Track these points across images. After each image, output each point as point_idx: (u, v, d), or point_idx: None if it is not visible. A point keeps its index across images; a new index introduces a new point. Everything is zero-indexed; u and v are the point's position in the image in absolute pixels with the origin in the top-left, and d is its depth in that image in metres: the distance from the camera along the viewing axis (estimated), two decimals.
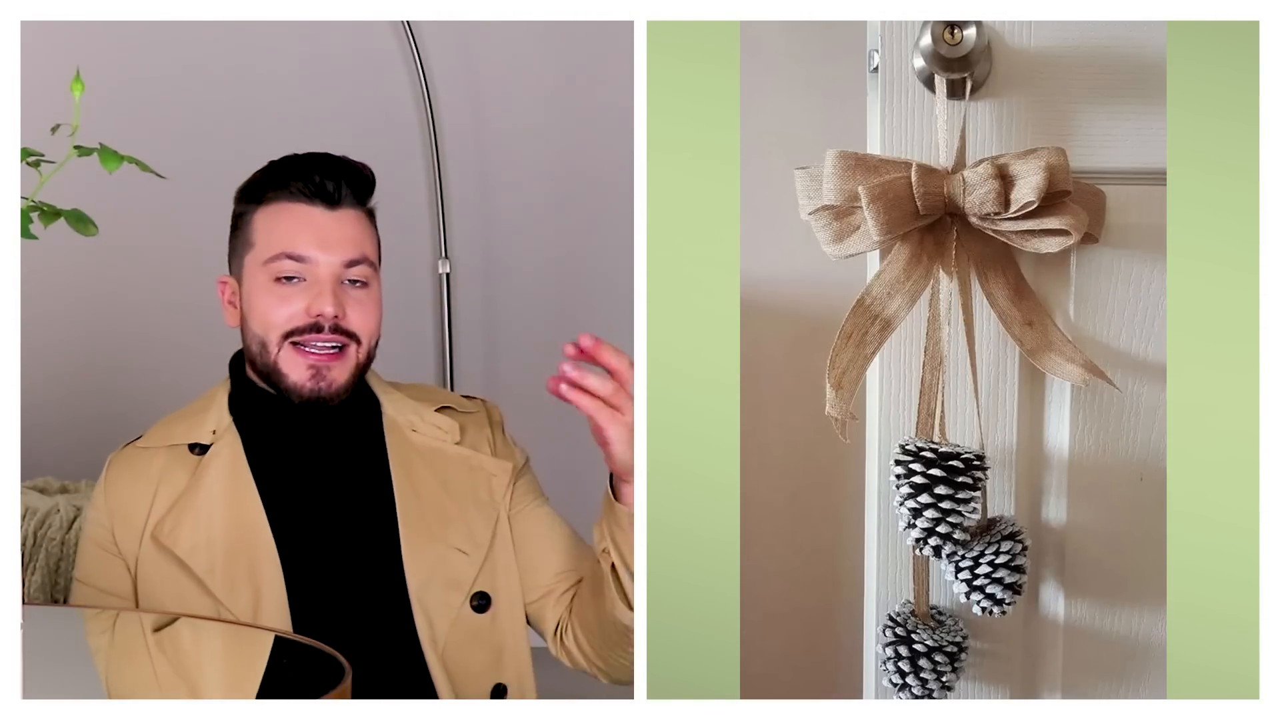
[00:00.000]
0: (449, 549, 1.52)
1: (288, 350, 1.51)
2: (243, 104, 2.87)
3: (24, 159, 1.27)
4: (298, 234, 1.51)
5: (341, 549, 1.50)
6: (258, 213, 1.54)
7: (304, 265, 1.51)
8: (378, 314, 1.56)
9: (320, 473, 1.54)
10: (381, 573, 1.50)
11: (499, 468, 1.60)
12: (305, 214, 1.52)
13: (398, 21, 2.83)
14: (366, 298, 1.54)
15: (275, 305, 1.51)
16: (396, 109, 2.90)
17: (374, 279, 1.56)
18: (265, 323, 1.52)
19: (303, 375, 1.51)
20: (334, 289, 1.51)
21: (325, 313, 1.50)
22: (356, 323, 1.52)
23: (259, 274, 1.52)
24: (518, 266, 2.98)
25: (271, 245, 1.52)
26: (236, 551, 1.49)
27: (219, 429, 1.55)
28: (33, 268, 1.84)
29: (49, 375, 2.83)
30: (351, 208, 1.55)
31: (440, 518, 1.53)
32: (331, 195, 1.53)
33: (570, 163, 2.97)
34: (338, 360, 1.52)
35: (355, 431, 1.57)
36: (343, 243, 1.52)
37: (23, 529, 1.99)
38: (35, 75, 1.92)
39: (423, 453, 1.57)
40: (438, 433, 1.59)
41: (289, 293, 1.51)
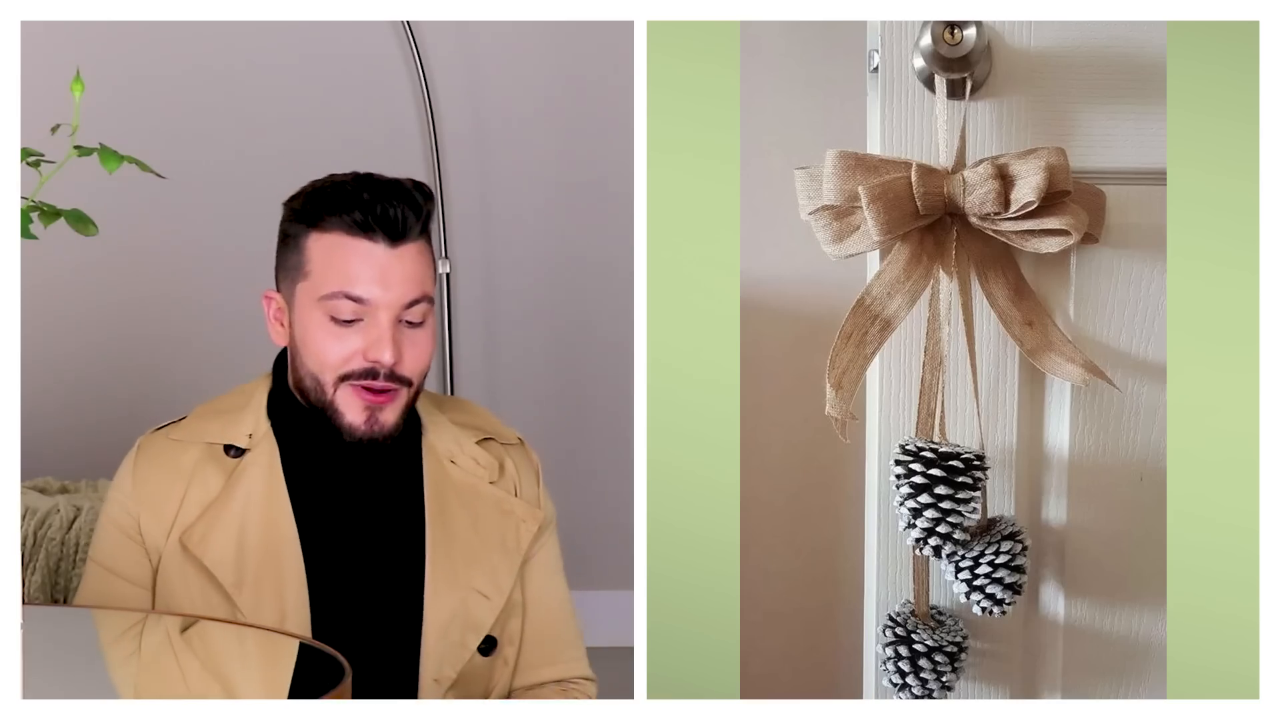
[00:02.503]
0: (471, 591, 1.49)
1: (345, 391, 1.44)
2: (243, 104, 2.87)
3: (24, 159, 1.27)
4: (359, 273, 1.43)
5: (367, 578, 1.48)
6: (312, 239, 1.45)
7: (363, 307, 1.43)
8: (431, 351, 1.48)
9: (354, 495, 1.50)
10: (401, 607, 1.48)
11: (529, 514, 1.54)
12: (366, 252, 1.43)
13: (398, 21, 2.83)
14: (422, 337, 1.46)
15: (331, 345, 1.44)
16: (396, 109, 2.90)
17: (430, 316, 1.47)
18: (320, 362, 1.45)
19: (358, 418, 1.44)
20: (393, 334, 1.43)
21: (383, 361, 1.43)
22: (411, 366, 1.45)
23: (314, 309, 1.44)
24: (518, 266, 2.98)
25: (329, 282, 1.43)
26: (265, 568, 1.46)
27: (256, 434, 1.50)
28: (33, 268, 1.84)
29: (49, 375, 2.83)
30: (414, 240, 1.45)
31: (467, 559, 1.50)
32: (395, 228, 1.43)
33: (570, 163, 2.96)
34: (390, 402, 1.45)
35: (394, 455, 1.52)
36: (405, 282, 1.44)
37: (23, 529, 1.99)
38: (35, 75, 1.93)
39: (459, 489, 1.52)
40: (475, 468, 1.54)
41: (346, 334, 1.43)
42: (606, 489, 2.87)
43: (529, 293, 2.99)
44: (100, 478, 2.41)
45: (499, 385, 2.98)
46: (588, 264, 2.98)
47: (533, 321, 3.00)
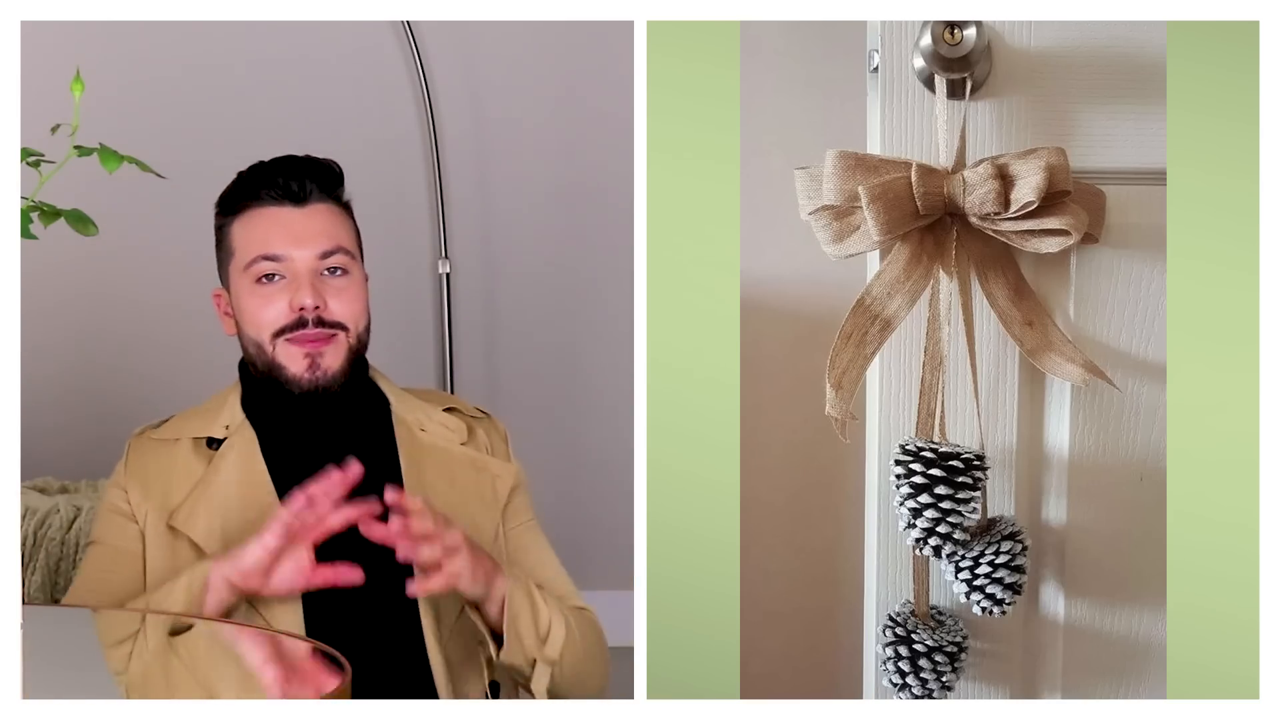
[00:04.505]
0: None
1: (282, 345, 1.56)
2: (242, 104, 2.87)
3: (24, 159, 1.27)
4: (270, 234, 1.57)
5: (352, 542, 1.51)
6: (235, 223, 1.59)
7: (280, 264, 1.56)
8: (362, 300, 1.60)
9: (333, 466, 1.55)
10: (391, 566, 1.51)
11: (504, 469, 1.65)
12: (275, 215, 1.58)
13: (398, 21, 2.83)
14: (347, 285, 1.58)
15: (260, 306, 1.56)
16: (396, 109, 2.90)
17: (354, 266, 1.60)
18: (255, 324, 1.57)
19: (300, 366, 1.56)
20: (312, 281, 1.56)
21: (306, 305, 1.54)
22: (339, 311, 1.57)
23: (242, 279, 1.58)
24: (518, 266, 2.98)
25: (249, 250, 1.57)
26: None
27: (232, 424, 1.60)
28: (33, 268, 1.84)
29: (49, 375, 2.83)
30: (321, 202, 1.59)
31: (448, 514, 1.54)
32: (297, 193, 1.58)
33: (570, 163, 2.96)
34: (328, 346, 1.56)
35: (365, 427, 1.61)
36: (315, 236, 1.57)
37: (23, 529, 1.99)
38: (35, 75, 1.92)
39: (431, 451, 1.62)
40: (445, 432, 1.64)
41: (271, 292, 1.56)
42: (606, 489, 2.87)
43: (529, 293, 2.99)
44: (100, 478, 2.41)
45: (499, 385, 2.98)
46: (588, 264, 2.97)
47: (533, 321, 3.00)
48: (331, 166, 1.62)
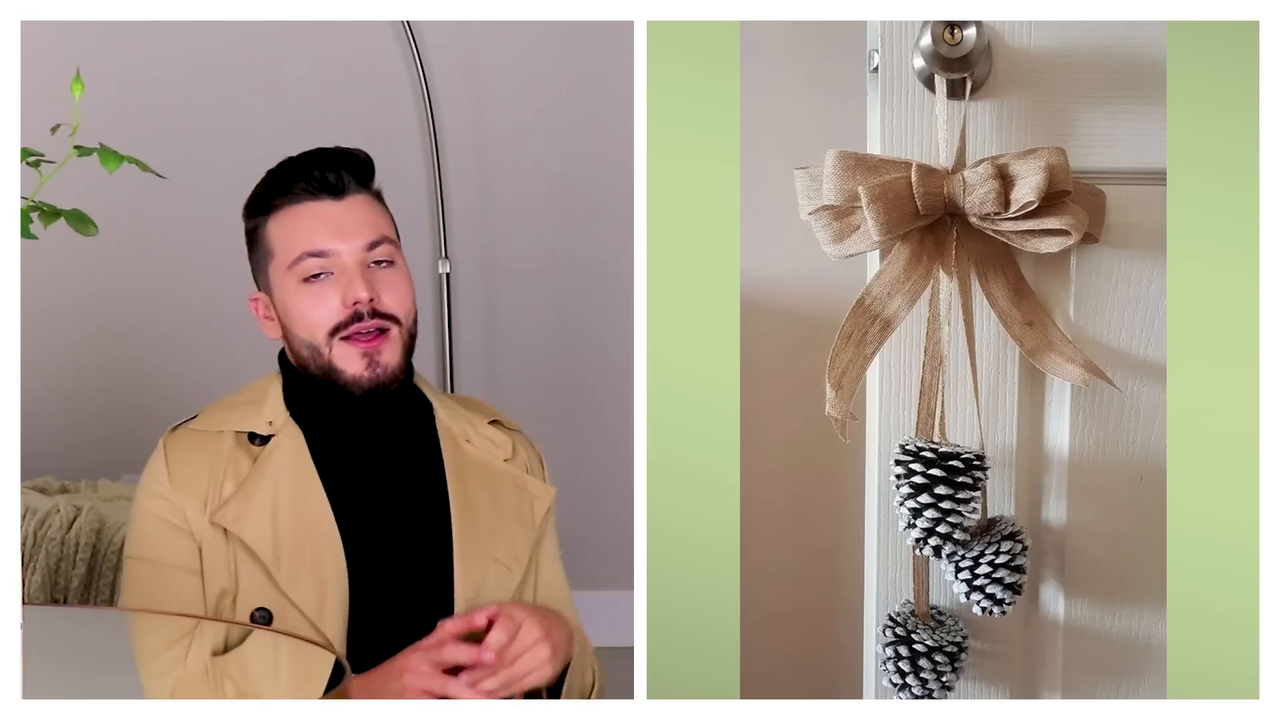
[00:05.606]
0: (493, 562, 1.54)
1: (339, 346, 1.51)
2: (242, 104, 2.87)
3: (24, 159, 1.27)
4: (313, 230, 1.51)
5: (399, 551, 1.51)
6: (269, 222, 1.54)
7: (328, 259, 1.51)
8: (411, 292, 1.55)
9: (380, 471, 1.54)
10: (434, 578, 1.51)
11: (543, 491, 1.61)
12: (315, 210, 1.52)
13: (398, 21, 2.83)
14: (396, 277, 1.53)
15: (311, 305, 1.51)
16: (396, 109, 2.90)
17: (398, 257, 1.55)
18: (308, 325, 1.51)
19: (358, 366, 1.50)
20: (363, 274, 1.50)
21: (361, 298, 1.49)
22: (392, 303, 1.52)
23: (286, 280, 1.52)
24: (518, 266, 2.98)
25: (292, 248, 1.52)
26: (302, 546, 1.49)
27: (276, 421, 1.54)
28: (33, 268, 1.84)
29: (49, 375, 2.83)
30: (358, 193, 1.54)
31: (489, 530, 1.55)
32: (335, 186, 1.52)
33: (570, 163, 2.97)
34: (384, 342, 1.51)
35: (412, 431, 1.58)
36: (359, 228, 1.52)
37: (23, 529, 1.99)
38: (35, 75, 1.93)
39: (475, 464, 1.58)
40: (490, 446, 1.60)
41: (321, 289, 1.51)
42: (606, 489, 2.87)
43: (529, 293, 3.00)
44: (100, 478, 2.41)
45: (499, 385, 2.98)
46: (588, 264, 2.98)
47: (533, 321, 3.00)
48: (362, 156, 1.57)
